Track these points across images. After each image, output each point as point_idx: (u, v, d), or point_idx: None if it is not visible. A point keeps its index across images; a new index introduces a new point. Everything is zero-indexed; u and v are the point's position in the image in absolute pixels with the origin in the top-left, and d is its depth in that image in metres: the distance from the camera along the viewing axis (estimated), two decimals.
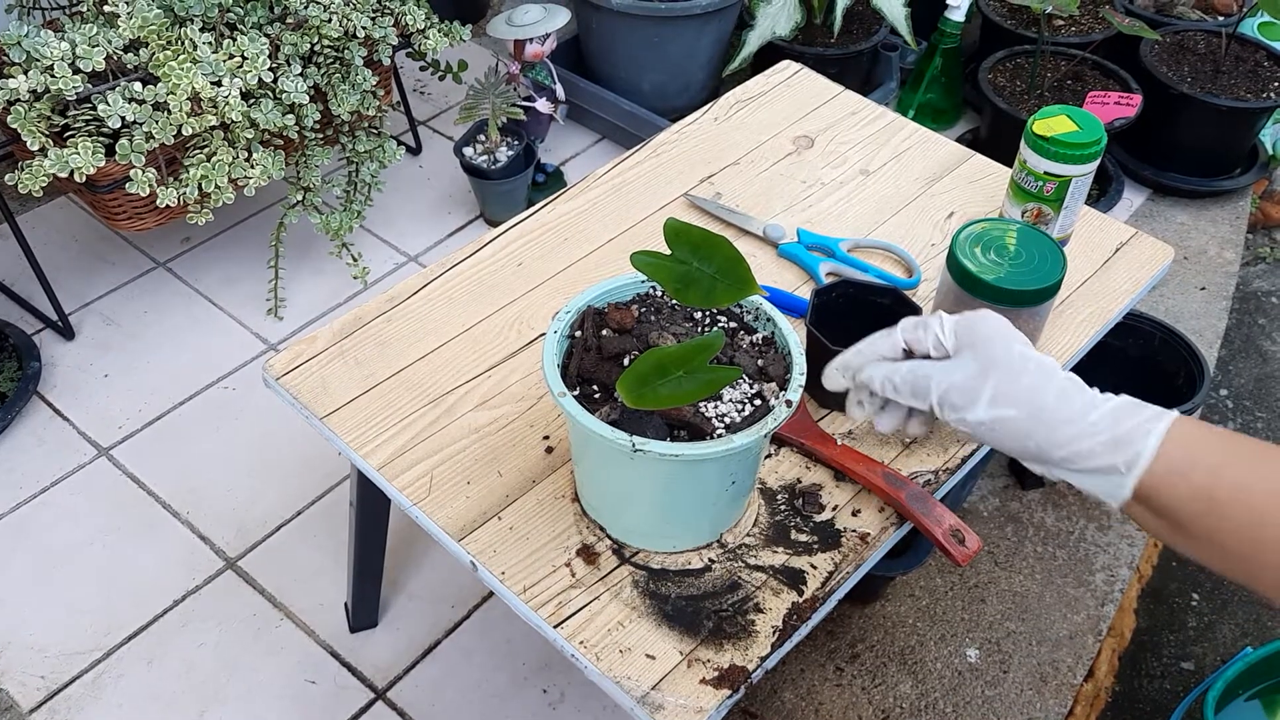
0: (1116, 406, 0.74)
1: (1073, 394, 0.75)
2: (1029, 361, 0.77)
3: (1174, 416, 0.72)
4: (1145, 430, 0.71)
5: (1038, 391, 0.76)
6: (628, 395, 0.76)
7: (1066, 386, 0.76)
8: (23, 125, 1.45)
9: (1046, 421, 0.75)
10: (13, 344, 1.72)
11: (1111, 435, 0.72)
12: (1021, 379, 0.76)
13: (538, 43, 1.98)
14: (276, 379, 1.06)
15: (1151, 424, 0.71)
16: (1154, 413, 0.72)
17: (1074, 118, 1.13)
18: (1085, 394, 0.75)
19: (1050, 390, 0.76)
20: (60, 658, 1.40)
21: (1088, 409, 0.74)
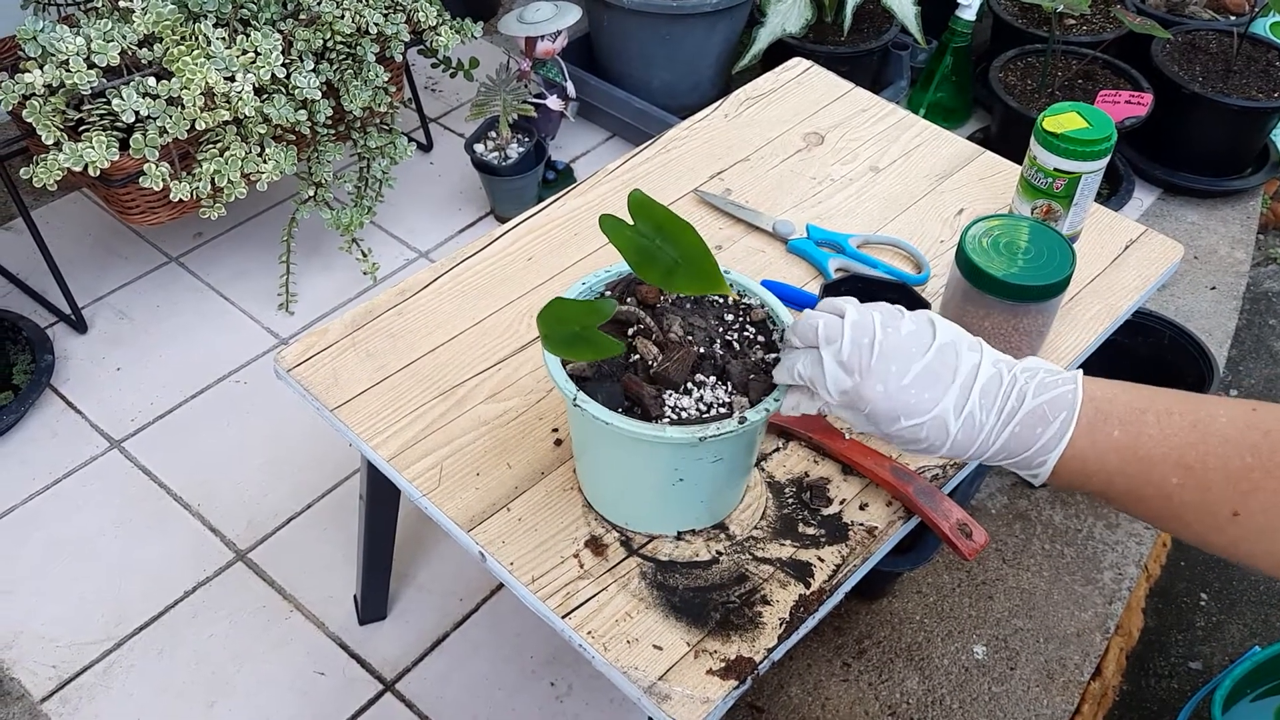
0: (1015, 430, 0.72)
1: (968, 438, 0.73)
2: None
3: (1069, 436, 0.71)
4: (1045, 454, 0.71)
5: None
6: (542, 331, 0.78)
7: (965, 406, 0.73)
8: (37, 119, 1.46)
9: None
10: (26, 337, 1.74)
11: (1011, 461, 0.73)
12: None
13: (549, 40, 1.98)
14: (288, 371, 1.07)
15: (1052, 445, 0.71)
16: (1054, 433, 0.71)
17: (1084, 114, 1.13)
18: (977, 436, 0.73)
19: None
20: (71, 647, 1.41)
21: (982, 450, 0.73)
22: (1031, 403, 0.71)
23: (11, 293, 1.85)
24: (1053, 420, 0.71)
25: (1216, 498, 0.67)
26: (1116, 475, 0.70)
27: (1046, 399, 0.71)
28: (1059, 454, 0.70)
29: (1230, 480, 0.67)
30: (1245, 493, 0.66)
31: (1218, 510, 0.67)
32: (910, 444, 0.75)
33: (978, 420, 0.72)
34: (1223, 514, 0.67)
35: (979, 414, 0.72)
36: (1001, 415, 0.71)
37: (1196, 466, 0.68)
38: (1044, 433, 0.71)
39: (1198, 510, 0.68)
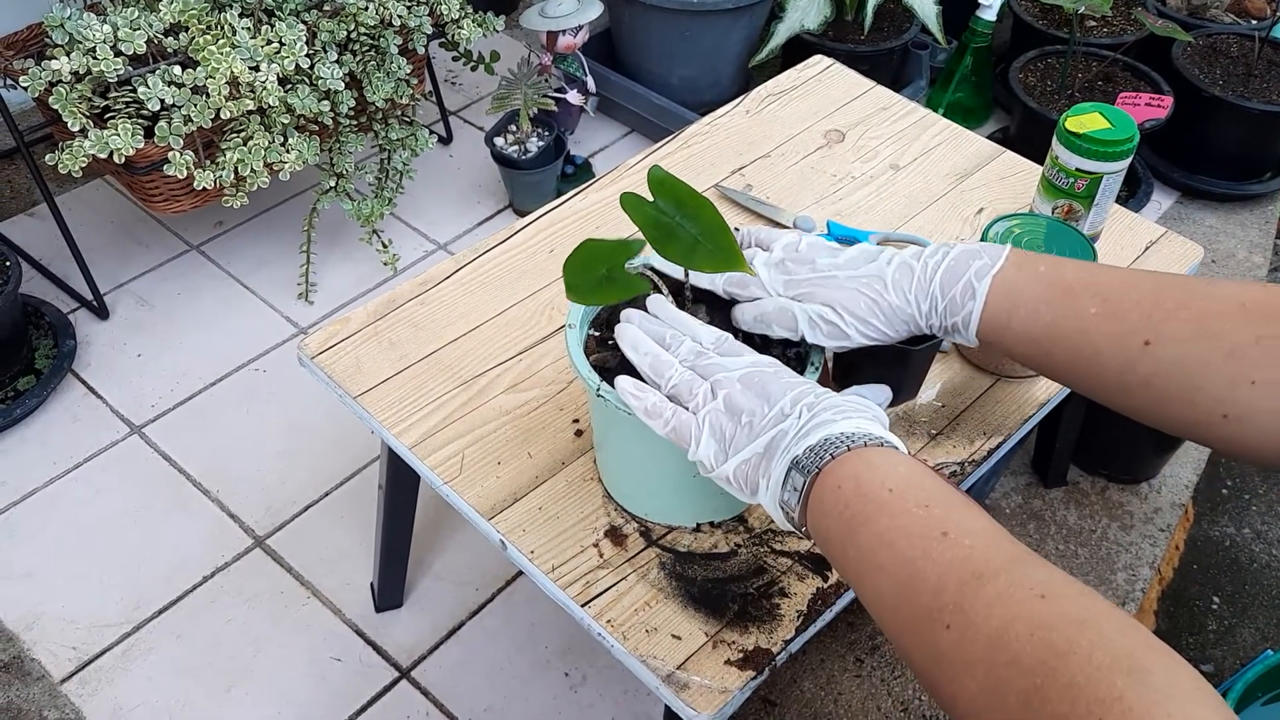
0: (949, 265, 0.77)
1: (908, 267, 0.80)
2: None
3: (1001, 261, 0.75)
4: (979, 279, 0.76)
5: None
6: (568, 278, 0.80)
7: None
8: (64, 106, 1.47)
9: None
10: (49, 322, 1.75)
11: (946, 299, 0.78)
12: None
13: (570, 35, 1.99)
14: (311, 358, 1.08)
15: (984, 271, 0.76)
16: (985, 263, 0.76)
17: (1107, 115, 1.13)
18: (912, 279, 0.79)
19: None
20: (91, 630, 1.42)
21: (922, 285, 0.79)
22: (962, 247, 0.77)
23: (35, 278, 1.86)
24: (982, 252, 0.75)
25: (1131, 326, 0.68)
26: (1041, 305, 0.72)
27: (976, 245, 0.77)
28: (988, 282, 0.73)
29: (1145, 307, 0.68)
30: (1159, 320, 0.67)
31: (1131, 340, 0.68)
32: (856, 310, 0.79)
33: (913, 265, 0.77)
34: (1135, 344, 0.68)
35: (913, 262, 0.78)
36: (936, 256, 0.77)
37: (1114, 296, 0.70)
38: (973, 261, 0.75)
39: (1112, 342, 0.69)
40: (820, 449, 0.68)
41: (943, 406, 1.05)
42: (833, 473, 0.67)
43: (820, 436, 0.68)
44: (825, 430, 0.68)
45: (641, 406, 0.76)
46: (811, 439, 0.68)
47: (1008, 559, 0.58)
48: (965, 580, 0.57)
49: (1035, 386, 1.08)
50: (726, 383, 0.74)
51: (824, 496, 0.67)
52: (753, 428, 0.71)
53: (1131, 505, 1.65)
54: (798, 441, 0.69)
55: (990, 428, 1.04)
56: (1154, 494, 1.66)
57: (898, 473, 0.65)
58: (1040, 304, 0.72)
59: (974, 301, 0.74)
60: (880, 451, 0.67)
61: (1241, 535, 1.72)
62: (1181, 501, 1.66)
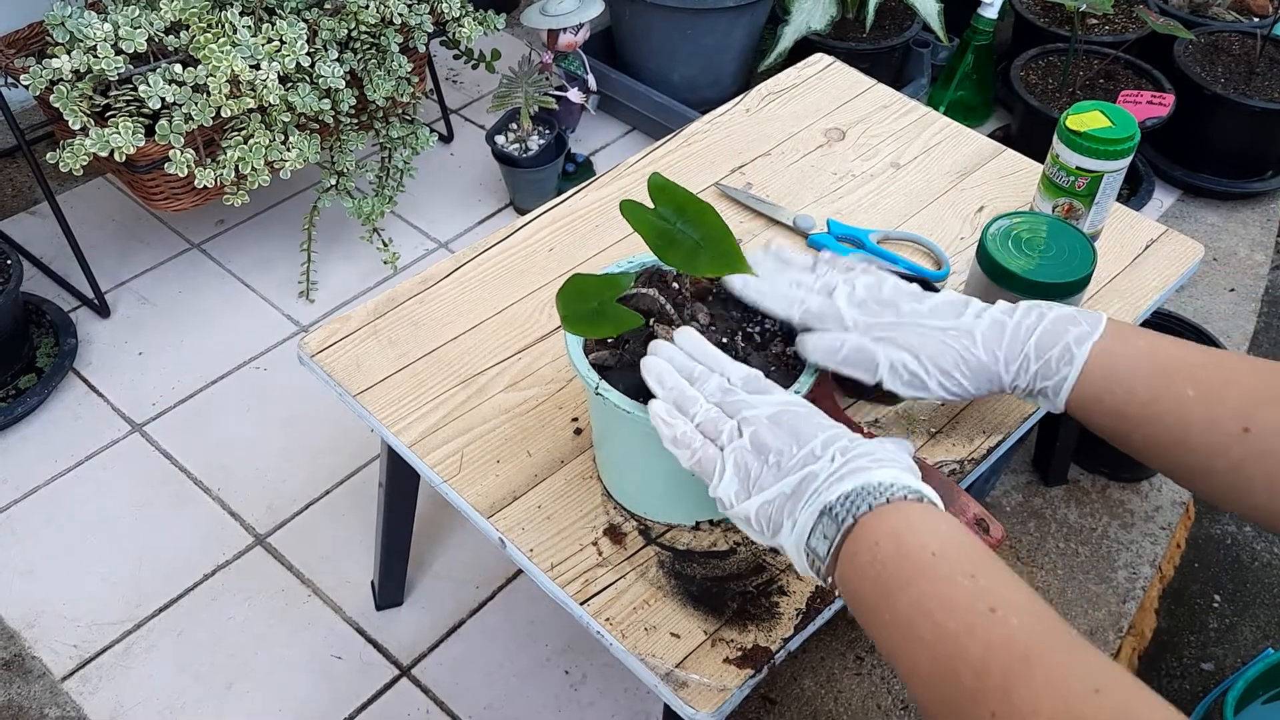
0: (1045, 328, 0.75)
1: (1000, 325, 0.77)
2: None
3: (1101, 328, 0.73)
4: (1079, 345, 0.73)
5: None
6: (561, 310, 0.80)
7: None
8: (65, 104, 1.47)
9: None
10: (50, 320, 1.75)
11: (1041, 361, 0.75)
12: None
13: (571, 33, 1.99)
14: (311, 356, 1.08)
15: (1085, 337, 0.73)
16: (1085, 329, 0.74)
17: (1108, 113, 1.13)
18: (1004, 335, 0.77)
19: None
20: (92, 628, 1.42)
21: (1015, 345, 0.76)
22: (1059, 309, 0.74)
23: (36, 276, 1.87)
24: (1081, 319, 0.73)
25: (1228, 412, 0.66)
26: (1139, 382, 0.70)
27: (1072, 310, 0.74)
28: (1088, 348, 0.71)
29: (1244, 393, 0.67)
30: (1256, 407, 0.65)
31: (1228, 425, 0.66)
32: (941, 361, 0.76)
33: (1006, 321, 0.74)
34: (1233, 429, 0.66)
35: (1004, 318, 0.74)
36: (1029, 317, 0.74)
37: (1212, 380, 0.68)
38: (1072, 326, 0.72)
39: (1207, 427, 0.67)
40: (855, 497, 0.64)
41: (942, 405, 1.05)
42: (870, 527, 0.63)
43: (856, 484, 0.65)
44: (861, 478, 0.65)
45: (670, 435, 0.73)
46: (846, 485, 0.65)
47: (1057, 642, 0.55)
48: (1012, 664, 0.54)
49: None
50: (754, 420, 0.71)
51: (859, 552, 0.63)
52: (780, 467, 0.68)
53: (1132, 503, 1.64)
54: (830, 486, 0.66)
55: (990, 426, 1.04)
56: (1155, 492, 1.66)
57: (940, 534, 0.62)
58: (1137, 381, 0.69)
59: (1070, 368, 0.71)
60: (921, 508, 0.64)
61: (1243, 533, 1.72)
62: (1182, 500, 1.66)
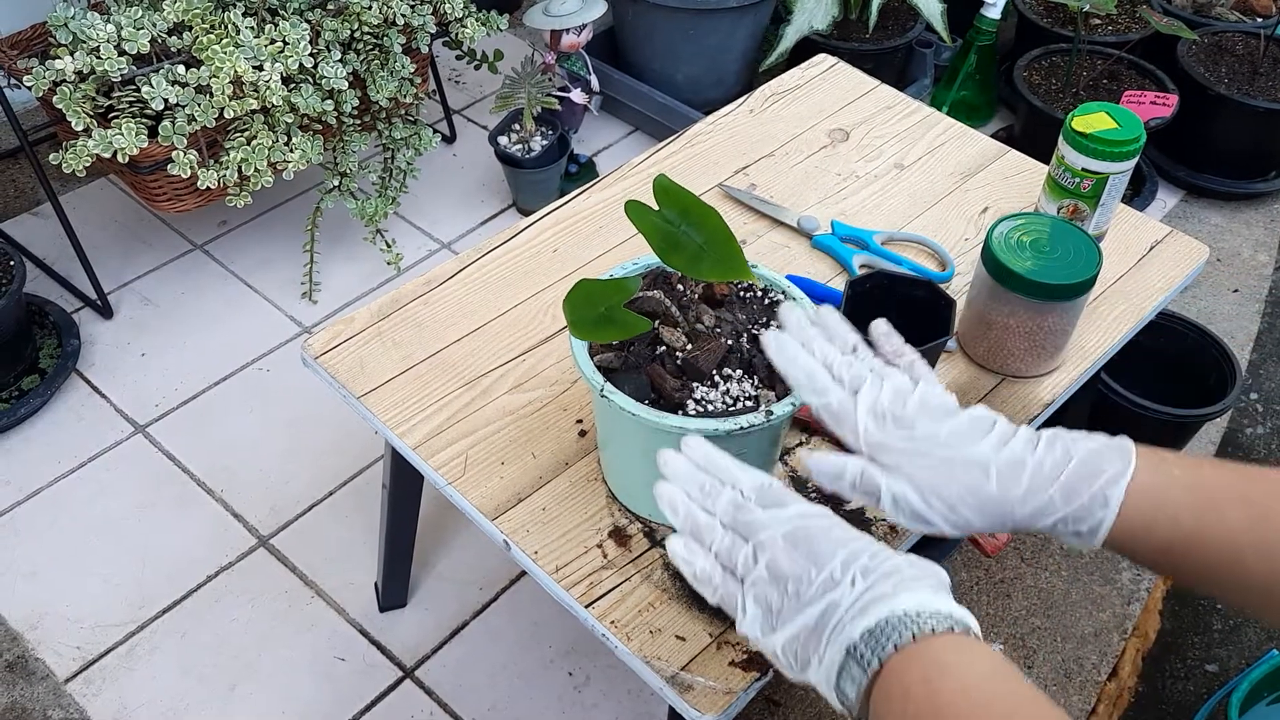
0: (1074, 469, 0.66)
1: (1019, 463, 0.67)
2: None
3: (1133, 467, 0.65)
4: (1112, 486, 0.66)
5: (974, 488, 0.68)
6: (569, 315, 0.79)
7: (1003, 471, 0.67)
8: (68, 105, 1.47)
9: (999, 513, 0.68)
10: (53, 321, 1.75)
11: (1071, 507, 0.67)
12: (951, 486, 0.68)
13: (574, 33, 1.99)
14: (315, 358, 1.07)
15: (1118, 477, 0.66)
16: (1117, 469, 0.66)
17: (1113, 115, 1.13)
18: (1024, 473, 0.67)
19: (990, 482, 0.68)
20: (95, 629, 1.42)
21: (1038, 486, 0.67)
22: (1084, 445, 0.66)
23: (39, 277, 1.87)
24: (1112, 458, 0.65)
25: (1276, 537, 0.63)
26: (1182, 513, 0.64)
27: (1100, 443, 0.66)
28: (1124, 487, 0.64)
29: None
30: None
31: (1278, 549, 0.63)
32: (947, 496, 0.68)
33: (1026, 459, 0.66)
34: None
35: (1025, 454, 0.66)
36: (1054, 454, 0.66)
37: (1260, 500, 0.63)
38: (1105, 466, 0.65)
39: (1259, 551, 0.63)
40: (880, 635, 0.59)
41: None
42: (898, 673, 0.59)
43: (879, 617, 0.60)
44: (885, 607, 0.60)
45: (691, 573, 0.69)
46: (869, 619, 0.60)
47: None
48: None
49: (1040, 386, 1.08)
50: (770, 544, 0.66)
51: (890, 698, 0.59)
52: (800, 596, 0.63)
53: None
54: (852, 620, 0.61)
55: None
56: None
57: (976, 673, 0.58)
58: (1180, 511, 0.64)
59: (1106, 511, 0.65)
60: (953, 643, 0.59)
61: None
62: None
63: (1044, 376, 1.09)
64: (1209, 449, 1.74)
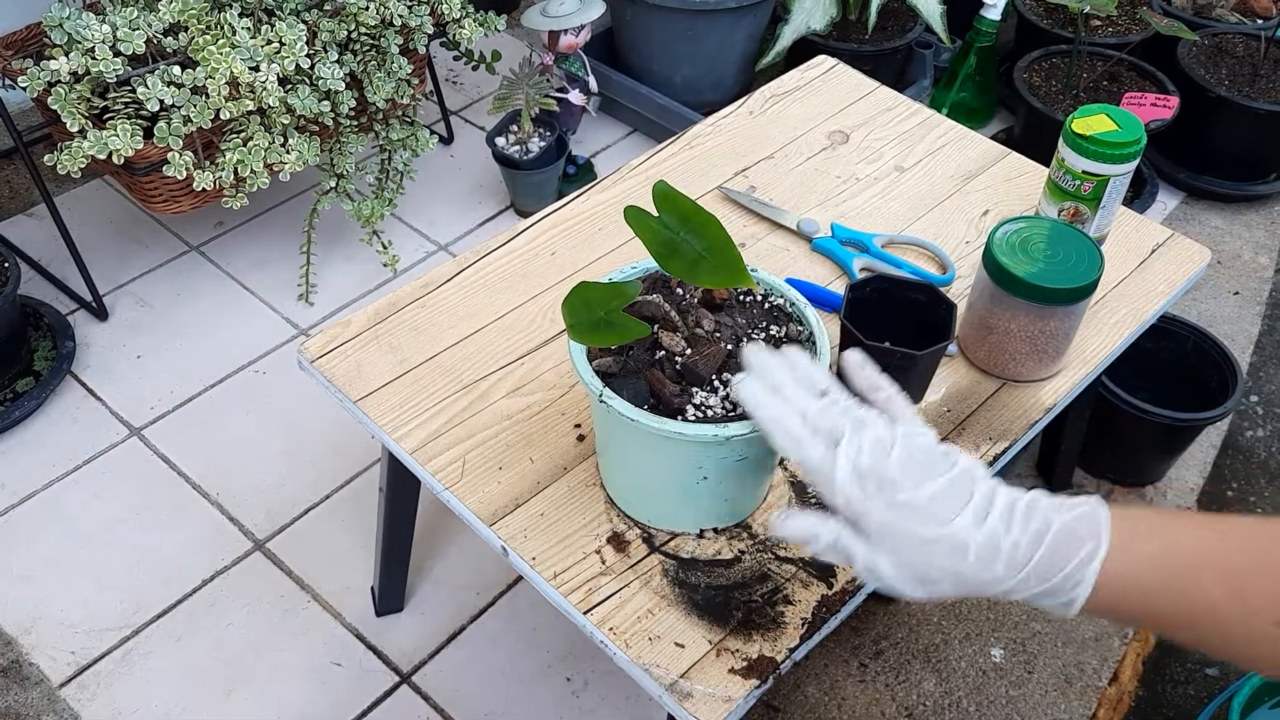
0: (1047, 550, 0.65)
1: (995, 542, 0.66)
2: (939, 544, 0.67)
3: (1104, 550, 0.64)
4: (1082, 570, 0.65)
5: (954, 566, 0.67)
6: (567, 319, 0.78)
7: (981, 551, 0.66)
8: (63, 107, 1.46)
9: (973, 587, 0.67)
10: (48, 323, 1.74)
11: (1044, 586, 0.66)
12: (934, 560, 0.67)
13: (572, 34, 1.98)
14: (311, 362, 1.07)
15: (1088, 561, 0.64)
16: (1088, 550, 0.64)
17: (1114, 117, 1.12)
18: (1000, 556, 0.65)
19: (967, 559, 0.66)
20: (90, 634, 1.41)
21: (1014, 566, 0.65)
22: (1059, 519, 0.65)
23: (33, 279, 1.86)
24: (1085, 537, 0.64)
25: (1259, 605, 0.62)
26: (1154, 591, 0.64)
27: (1072, 516, 0.65)
28: (1096, 570, 0.64)
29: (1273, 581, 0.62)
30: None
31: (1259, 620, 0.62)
32: (917, 567, 0.67)
33: (1001, 541, 0.65)
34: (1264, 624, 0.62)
35: (1001, 531, 0.65)
36: (1028, 533, 0.65)
37: (1238, 571, 0.63)
38: (1078, 549, 0.64)
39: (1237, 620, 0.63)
40: None
41: (948, 411, 1.04)
42: None
43: None
44: None
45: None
46: None
47: None
48: None
49: (1042, 390, 1.07)
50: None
51: None
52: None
53: None
54: None
55: (996, 432, 1.03)
56: (1159, 497, 1.65)
57: None
58: (1153, 588, 0.64)
59: (1079, 590, 0.65)
60: None
61: None
62: (1187, 504, 1.65)
63: (1045, 381, 1.08)
64: (1210, 452, 1.74)
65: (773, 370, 0.72)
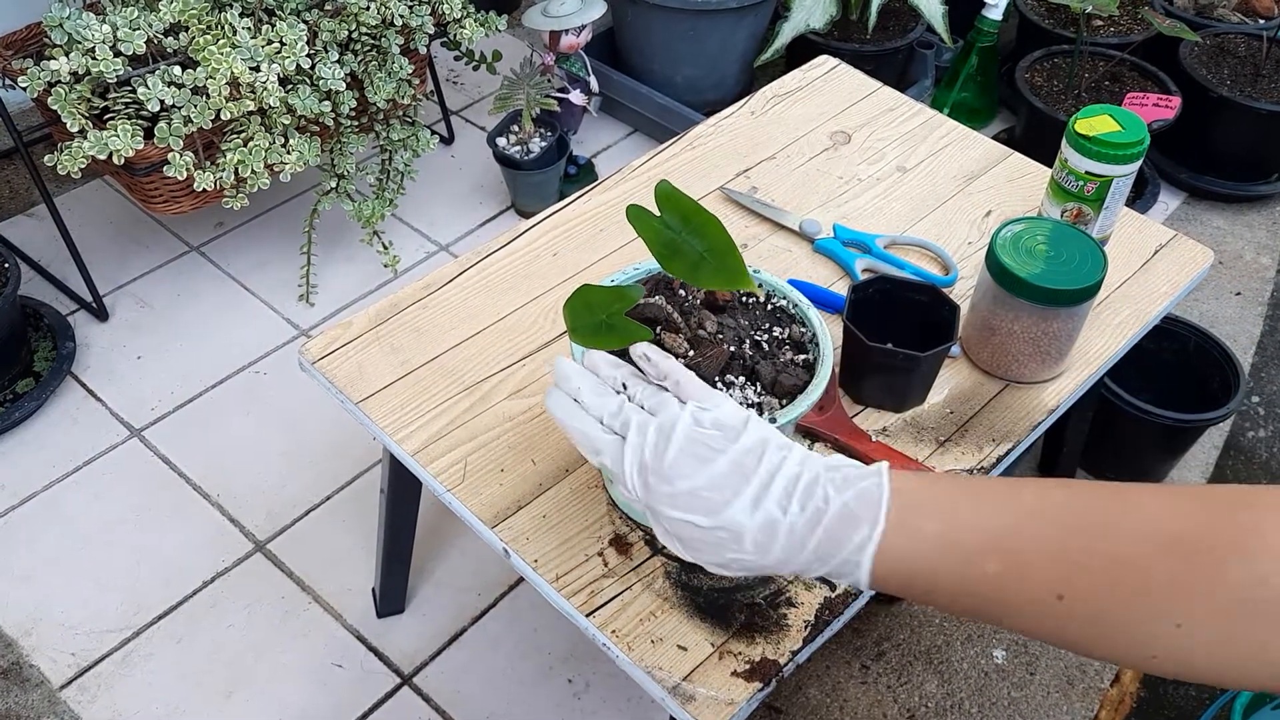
0: (824, 532, 0.64)
1: (772, 526, 0.65)
2: None
3: (878, 532, 0.63)
4: (859, 554, 0.63)
5: None
6: (569, 322, 0.78)
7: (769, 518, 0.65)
8: (63, 107, 1.46)
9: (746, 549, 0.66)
10: (48, 324, 1.74)
11: (827, 568, 0.65)
12: None
13: (573, 34, 1.98)
14: (312, 363, 1.06)
15: (864, 544, 0.63)
16: (864, 534, 0.63)
17: (1117, 117, 1.12)
18: (777, 540, 0.64)
19: None
20: (90, 635, 1.41)
21: (792, 549, 0.65)
22: (837, 500, 0.64)
23: (33, 279, 1.85)
24: (861, 518, 0.63)
25: (1038, 583, 0.61)
26: (938, 571, 0.63)
27: (851, 495, 0.64)
28: (871, 554, 0.63)
29: (1049, 561, 0.61)
30: (1066, 576, 0.60)
31: (1042, 595, 0.61)
32: (705, 552, 0.67)
33: (778, 525, 0.64)
34: (1047, 599, 0.61)
35: (778, 515, 0.64)
36: (805, 514, 0.64)
37: (1014, 549, 0.62)
38: (852, 533, 0.63)
39: (1022, 596, 0.62)
40: None
41: (951, 413, 1.04)
42: None
43: None
44: None
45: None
46: None
47: None
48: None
49: (1045, 392, 1.07)
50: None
51: None
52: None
53: None
54: None
55: (999, 434, 1.03)
56: None
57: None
58: (937, 571, 0.63)
59: (859, 571, 0.64)
60: None
61: None
62: None
63: (1048, 382, 1.07)
64: (1211, 453, 1.73)
65: (571, 378, 0.73)
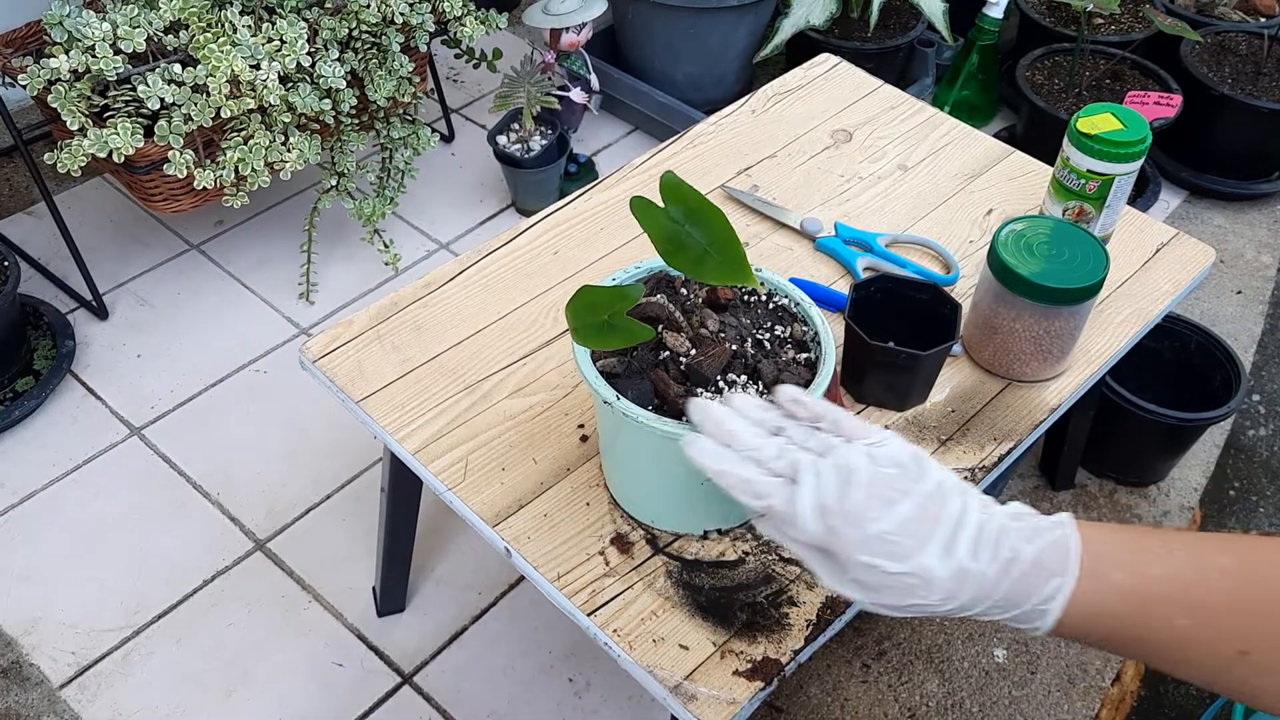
0: (1015, 581, 0.64)
1: (963, 575, 0.64)
2: None
3: (1070, 584, 0.63)
4: (1047, 603, 0.64)
5: None
6: (571, 322, 0.77)
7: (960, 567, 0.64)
8: (63, 105, 1.46)
9: None
10: (48, 322, 1.74)
11: (1009, 615, 0.65)
12: None
13: (574, 32, 1.98)
14: (313, 361, 1.06)
15: (1054, 594, 0.63)
16: (1055, 584, 0.63)
17: (1119, 116, 1.12)
18: (966, 587, 0.64)
19: None
20: (90, 634, 1.41)
21: (979, 597, 0.64)
22: (1029, 550, 0.64)
23: (33, 278, 1.85)
24: (1053, 570, 0.63)
25: (1223, 635, 0.62)
26: (1122, 620, 0.64)
27: (1042, 545, 0.64)
28: (1061, 604, 0.63)
29: (1236, 616, 0.62)
30: (1251, 629, 0.62)
31: (1224, 648, 0.62)
32: (887, 596, 0.65)
33: (970, 572, 0.64)
34: (1229, 652, 0.62)
35: (969, 563, 0.64)
36: (996, 564, 0.64)
37: (1201, 604, 0.63)
38: (1043, 584, 0.63)
39: (1205, 649, 0.63)
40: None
41: (953, 411, 1.04)
42: None
43: None
44: None
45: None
46: None
47: None
48: None
49: (1046, 390, 1.07)
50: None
51: None
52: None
53: (1140, 508, 1.63)
54: None
55: (1001, 433, 1.02)
56: (1162, 497, 1.65)
57: None
58: (1121, 621, 0.64)
59: (1045, 619, 0.64)
60: None
61: None
62: (1190, 504, 1.65)
63: (1050, 381, 1.07)
64: (1213, 452, 1.73)
65: (723, 422, 0.69)
